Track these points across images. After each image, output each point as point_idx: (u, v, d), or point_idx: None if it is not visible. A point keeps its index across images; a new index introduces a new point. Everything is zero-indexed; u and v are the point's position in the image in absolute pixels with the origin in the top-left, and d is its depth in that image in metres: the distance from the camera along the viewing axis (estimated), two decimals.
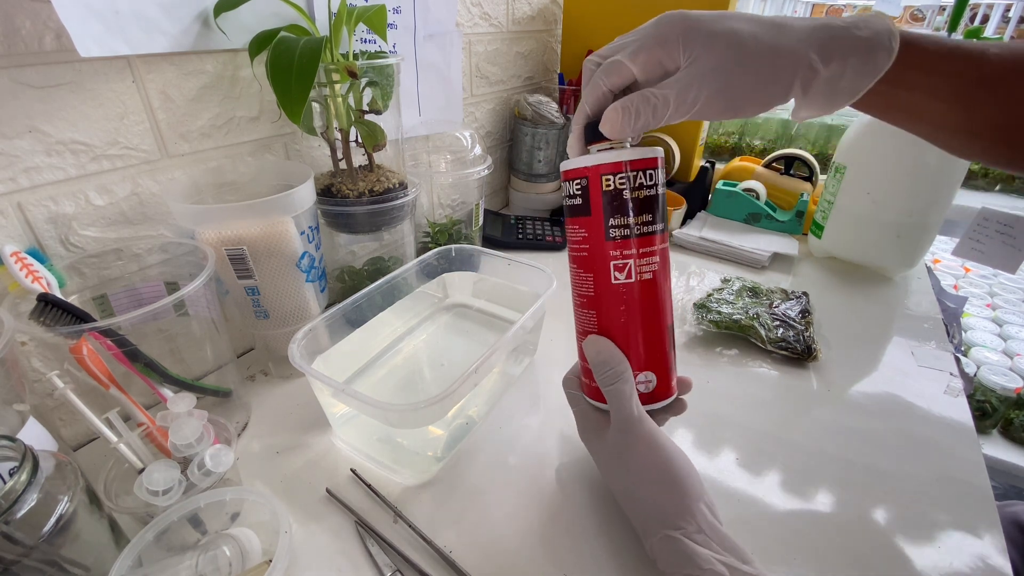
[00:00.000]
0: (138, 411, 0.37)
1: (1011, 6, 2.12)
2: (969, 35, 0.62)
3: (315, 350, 0.47)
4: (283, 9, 0.49)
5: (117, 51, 0.40)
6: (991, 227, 0.69)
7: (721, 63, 0.29)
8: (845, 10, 2.06)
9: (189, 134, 0.48)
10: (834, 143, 1.14)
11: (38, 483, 0.28)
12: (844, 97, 0.31)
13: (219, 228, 0.43)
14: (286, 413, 0.50)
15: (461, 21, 0.76)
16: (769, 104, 0.31)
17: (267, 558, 0.34)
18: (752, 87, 0.30)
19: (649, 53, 0.31)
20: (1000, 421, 1.13)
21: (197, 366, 0.44)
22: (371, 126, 0.52)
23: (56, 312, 0.34)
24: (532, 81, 1.00)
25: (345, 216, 0.54)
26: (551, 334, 0.60)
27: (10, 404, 0.34)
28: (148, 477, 0.34)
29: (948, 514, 0.40)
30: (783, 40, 0.30)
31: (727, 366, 0.56)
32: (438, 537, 0.38)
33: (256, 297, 0.47)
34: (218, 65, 0.48)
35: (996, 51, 0.30)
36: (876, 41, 0.29)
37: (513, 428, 0.48)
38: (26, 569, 0.27)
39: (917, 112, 0.33)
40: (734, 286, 0.67)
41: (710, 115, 0.31)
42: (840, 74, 0.29)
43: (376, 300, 0.53)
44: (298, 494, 0.42)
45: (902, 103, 0.32)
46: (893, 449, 0.46)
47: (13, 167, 0.38)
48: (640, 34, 0.31)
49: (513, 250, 0.81)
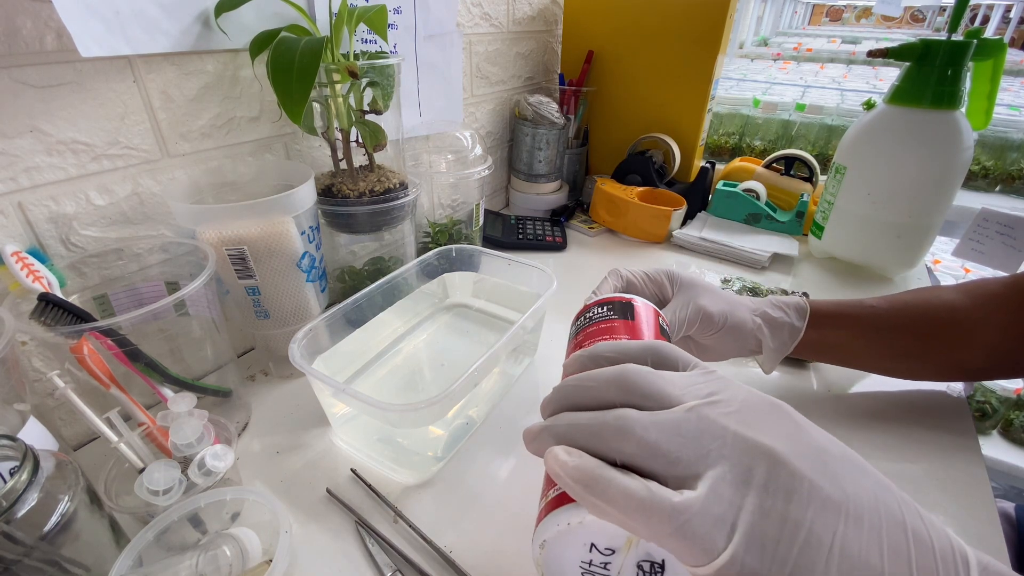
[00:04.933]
0: (138, 411, 0.37)
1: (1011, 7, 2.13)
2: (969, 35, 0.62)
3: (315, 350, 0.47)
4: (284, 9, 0.49)
5: (118, 51, 0.40)
6: (991, 228, 0.69)
7: (702, 295, 0.43)
8: (845, 11, 2.06)
9: (190, 134, 0.48)
10: (834, 144, 1.14)
11: (38, 483, 0.28)
12: (794, 335, 0.45)
13: (219, 228, 0.43)
14: (286, 413, 0.50)
15: (461, 21, 0.76)
16: (739, 333, 0.44)
17: (267, 558, 0.34)
18: (728, 312, 0.43)
19: (655, 276, 0.44)
20: (1000, 422, 1.13)
21: (197, 366, 0.44)
22: (372, 126, 0.52)
23: (57, 312, 0.34)
24: (532, 81, 1.00)
25: (345, 216, 0.54)
26: (551, 334, 0.60)
27: (11, 404, 0.34)
28: (148, 477, 0.34)
29: (948, 514, 0.40)
30: (735, 296, 0.45)
31: (727, 366, 0.56)
32: (438, 537, 0.38)
33: (256, 297, 0.47)
34: (219, 65, 0.48)
35: (877, 304, 0.47)
36: (798, 301, 0.47)
37: (513, 428, 0.48)
38: (26, 569, 0.27)
39: (849, 347, 0.47)
40: (734, 286, 0.67)
41: (698, 328, 0.42)
42: (786, 316, 0.46)
43: (376, 300, 0.53)
44: (298, 494, 0.42)
45: (832, 341, 0.46)
46: (893, 449, 0.46)
47: (14, 167, 0.38)
48: (652, 270, 0.45)
49: (513, 250, 0.81)
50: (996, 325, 0.44)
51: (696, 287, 0.43)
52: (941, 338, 0.45)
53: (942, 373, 0.48)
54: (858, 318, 0.46)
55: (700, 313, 0.41)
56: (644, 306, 0.35)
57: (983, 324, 0.44)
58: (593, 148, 1.02)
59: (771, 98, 1.28)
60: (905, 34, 4.09)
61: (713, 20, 0.81)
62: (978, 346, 0.44)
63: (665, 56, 0.87)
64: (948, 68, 0.62)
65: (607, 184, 0.89)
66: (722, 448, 0.20)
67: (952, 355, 0.45)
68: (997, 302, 0.44)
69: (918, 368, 0.48)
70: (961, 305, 0.45)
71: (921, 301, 0.46)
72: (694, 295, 0.42)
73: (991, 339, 0.44)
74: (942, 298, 0.46)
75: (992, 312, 0.44)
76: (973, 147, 0.64)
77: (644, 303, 0.35)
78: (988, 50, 0.63)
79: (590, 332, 0.34)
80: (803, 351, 0.46)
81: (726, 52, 0.86)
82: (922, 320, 0.45)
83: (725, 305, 0.43)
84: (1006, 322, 0.43)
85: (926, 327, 0.45)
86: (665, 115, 0.92)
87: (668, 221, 0.83)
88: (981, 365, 0.46)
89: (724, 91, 1.37)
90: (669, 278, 0.44)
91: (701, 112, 0.89)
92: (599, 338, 0.32)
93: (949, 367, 0.47)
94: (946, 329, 0.45)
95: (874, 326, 0.46)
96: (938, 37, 0.62)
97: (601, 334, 0.33)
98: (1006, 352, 0.44)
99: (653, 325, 0.34)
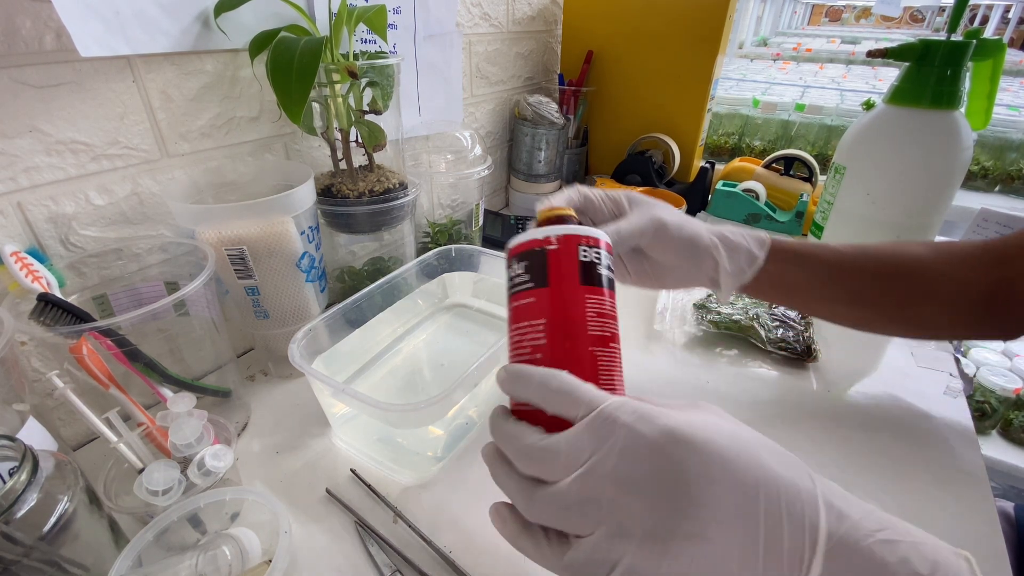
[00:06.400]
0: (138, 411, 0.37)
1: (1011, 7, 2.13)
2: (969, 36, 0.62)
3: (315, 350, 0.47)
4: (283, 9, 0.49)
5: (117, 51, 0.40)
6: (991, 228, 0.69)
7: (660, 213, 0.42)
8: (845, 11, 2.07)
9: (189, 134, 0.48)
10: (834, 144, 1.14)
11: (38, 483, 0.28)
12: (754, 265, 0.44)
13: (219, 228, 0.43)
14: (286, 413, 0.50)
15: (461, 21, 0.76)
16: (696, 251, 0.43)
17: (267, 558, 0.34)
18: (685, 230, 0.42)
19: (614, 196, 0.43)
20: (999, 422, 1.13)
21: (197, 366, 0.44)
22: (371, 126, 0.52)
23: (56, 312, 0.34)
24: (532, 81, 1.00)
25: (345, 216, 0.54)
26: None
27: (10, 404, 0.34)
28: (148, 477, 0.34)
29: (948, 514, 0.40)
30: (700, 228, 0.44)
31: (727, 367, 0.56)
32: (438, 537, 0.38)
33: (256, 297, 0.47)
34: (218, 65, 0.48)
35: (842, 247, 0.46)
36: (759, 233, 0.45)
37: None
38: (26, 569, 0.27)
39: (807, 288, 0.46)
40: None
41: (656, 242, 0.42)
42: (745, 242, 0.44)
43: (376, 300, 0.53)
44: (298, 494, 0.42)
45: (792, 280, 0.45)
46: (893, 449, 0.46)
47: (13, 167, 0.38)
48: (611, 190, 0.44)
49: None
50: (958, 280, 0.43)
51: (656, 204, 0.42)
52: (900, 288, 0.44)
53: (896, 325, 0.47)
54: (820, 258, 0.45)
55: (654, 221, 0.41)
56: (563, 250, 0.31)
57: (945, 279, 0.43)
58: (592, 148, 1.03)
59: (770, 98, 1.28)
60: (904, 34, 4.09)
61: (713, 20, 0.81)
62: (937, 301, 0.44)
63: (665, 56, 0.87)
64: (947, 68, 0.62)
65: (606, 184, 0.89)
66: (599, 513, 0.23)
67: (909, 307, 0.45)
68: (965, 260, 0.44)
69: (871, 317, 0.47)
70: (927, 258, 0.44)
71: (887, 250, 0.46)
72: (651, 208, 0.42)
73: (951, 295, 0.43)
74: (910, 250, 0.45)
75: (957, 268, 0.43)
76: (972, 147, 0.64)
77: (565, 236, 0.31)
78: (987, 50, 0.63)
79: (513, 306, 0.32)
80: (762, 287, 0.45)
81: (726, 52, 0.86)
82: (884, 267, 0.45)
83: (681, 219, 0.43)
84: (969, 279, 0.43)
85: (887, 275, 0.44)
86: (665, 115, 0.92)
87: None
88: (937, 322, 0.45)
89: (724, 91, 1.37)
90: (628, 198, 0.43)
91: (701, 112, 0.89)
92: (517, 323, 0.31)
93: (904, 320, 0.46)
94: (907, 279, 0.44)
95: (836, 268, 0.45)
96: (937, 37, 0.62)
97: (519, 316, 0.31)
98: (965, 310, 0.43)
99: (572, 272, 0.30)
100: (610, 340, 0.30)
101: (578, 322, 0.29)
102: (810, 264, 0.45)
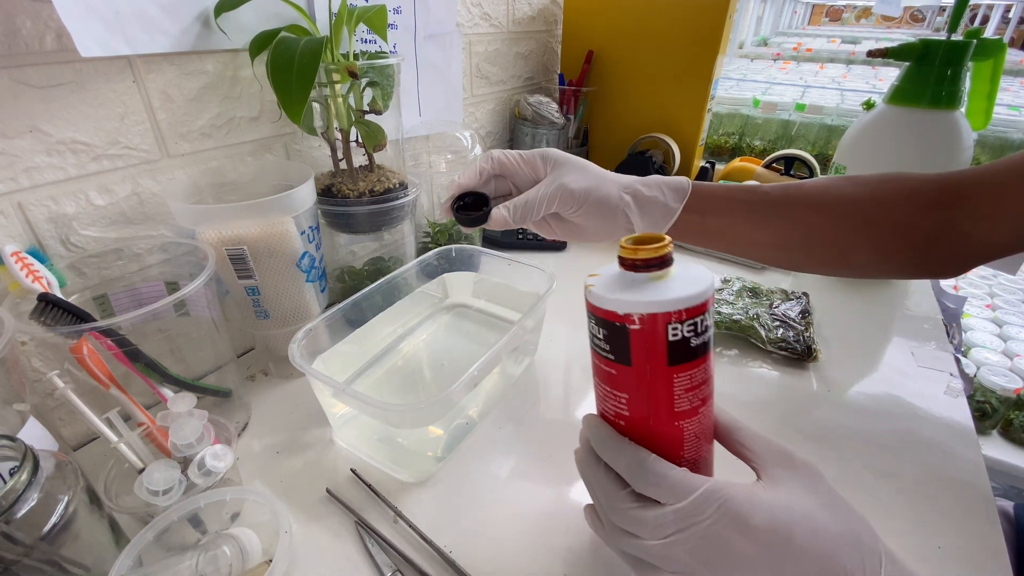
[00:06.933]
0: (138, 411, 0.37)
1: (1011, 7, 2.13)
2: (969, 36, 0.62)
3: (315, 350, 0.47)
4: (283, 9, 0.49)
5: (118, 51, 0.40)
6: None
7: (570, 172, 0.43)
8: (845, 11, 2.07)
9: (189, 134, 0.48)
10: (834, 143, 1.14)
11: (38, 483, 0.28)
12: (667, 215, 0.43)
13: (219, 228, 0.43)
14: (286, 413, 0.50)
15: (461, 21, 0.76)
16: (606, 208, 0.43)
17: (267, 558, 0.34)
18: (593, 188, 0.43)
19: (529, 157, 0.44)
20: (1000, 422, 1.13)
21: (197, 366, 0.44)
22: (371, 126, 0.52)
23: (56, 312, 0.34)
24: (532, 81, 1.00)
25: (345, 216, 0.54)
26: (551, 334, 0.60)
27: (10, 404, 0.34)
28: (148, 477, 0.34)
29: (948, 514, 0.40)
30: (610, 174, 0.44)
31: (727, 366, 0.56)
32: (438, 537, 0.38)
33: (256, 297, 0.47)
34: (218, 65, 0.48)
35: (767, 186, 0.45)
36: (679, 182, 0.44)
37: (513, 428, 0.48)
38: (26, 569, 0.27)
39: (731, 235, 0.45)
40: (734, 286, 0.67)
41: (565, 207, 0.43)
42: (660, 195, 0.43)
43: (376, 300, 0.53)
44: (298, 494, 0.42)
45: (714, 227, 0.44)
46: (893, 449, 0.46)
47: (13, 167, 0.38)
48: (528, 151, 0.44)
49: (513, 250, 0.81)
50: (897, 223, 0.42)
51: (567, 165, 0.43)
52: (828, 233, 0.43)
53: (830, 269, 0.47)
54: (746, 204, 0.44)
55: (560, 190, 0.41)
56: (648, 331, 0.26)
57: (881, 222, 0.42)
58: (593, 148, 1.02)
59: (771, 98, 1.28)
60: (905, 34, 4.09)
61: (713, 20, 0.81)
62: (871, 247, 0.43)
63: (665, 56, 0.87)
64: (948, 68, 0.62)
65: None
66: (674, 565, 0.27)
67: (839, 252, 0.44)
68: (911, 198, 0.42)
69: (802, 260, 0.46)
70: (861, 199, 0.43)
71: (817, 191, 0.43)
72: (561, 173, 0.42)
73: (886, 237, 0.42)
74: (842, 191, 0.43)
75: (899, 210, 0.42)
76: (973, 147, 0.64)
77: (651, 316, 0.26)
78: (988, 50, 0.64)
79: (595, 362, 0.30)
80: (684, 235, 0.44)
81: (726, 52, 0.86)
82: (811, 212, 0.43)
83: (591, 182, 0.42)
84: (912, 221, 0.41)
85: (813, 220, 0.43)
86: (665, 115, 0.92)
87: None
88: (872, 267, 0.45)
89: (724, 91, 1.37)
90: (543, 158, 0.43)
91: (701, 112, 0.89)
92: (601, 382, 0.30)
93: (835, 264, 0.45)
94: (835, 222, 0.43)
95: (759, 214, 0.44)
96: (938, 37, 0.63)
97: (602, 377, 0.30)
98: (902, 251, 0.42)
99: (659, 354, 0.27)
100: (700, 407, 0.29)
101: (663, 402, 0.28)
102: (734, 211, 0.44)
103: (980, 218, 0.40)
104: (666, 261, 0.27)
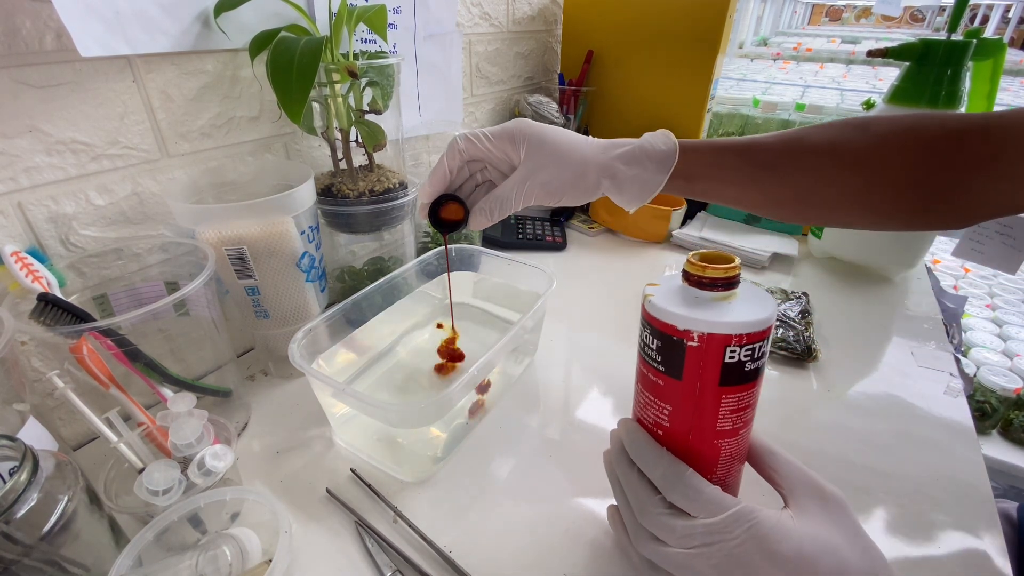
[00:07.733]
0: (138, 411, 0.37)
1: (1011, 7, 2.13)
2: (969, 36, 0.62)
3: (315, 350, 0.47)
4: (283, 9, 0.49)
5: (117, 51, 0.40)
6: (991, 228, 0.69)
7: (546, 165, 0.40)
8: (845, 11, 2.07)
9: (189, 134, 0.48)
10: None
11: (38, 483, 0.28)
12: (649, 189, 0.41)
13: (219, 228, 0.43)
14: (286, 413, 0.50)
15: (461, 21, 0.76)
16: (584, 195, 0.41)
17: (267, 558, 0.34)
18: (570, 183, 0.40)
19: (499, 141, 0.40)
20: (1000, 421, 1.13)
21: (197, 366, 0.44)
22: (371, 126, 0.52)
23: (56, 312, 0.34)
24: (532, 81, 1.00)
25: (345, 216, 0.54)
26: (551, 334, 0.60)
27: (10, 404, 0.34)
28: (148, 477, 0.34)
29: (948, 514, 0.40)
30: (589, 151, 0.41)
31: None
32: (438, 537, 0.38)
33: (256, 297, 0.47)
34: (218, 65, 0.48)
35: (762, 141, 0.42)
36: (664, 151, 0.41)
37: (513, 428, 0.48)
38: (26, 569, 0.27)
39: (718, 196, 0.43)
40: None
41: (542, 201, 0.41)
42: (642, 171, 0.41)
43: (376, 300, 0.53)
44: (298, 494, 0.42)
45: (701, 191, 0.42)
46: (893, 449, 0.46)
47: (13, 167, 0.38)
48: (498, 127, 0.41)
49: (513, 250, 0.81)
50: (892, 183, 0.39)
51: (540, 150, 0.40)
52: (821, 191, 0.41)
53: (814, 222, 0.45)
54: (735, 167, 0.42)
55: (536, 188, 0.40)
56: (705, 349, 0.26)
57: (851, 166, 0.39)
58: None
59: (771, 98, 1.28)
60: (905, 34, 4.09)
61: (713, 20, 0.81)
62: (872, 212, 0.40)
63: (665, 56, 0.87)
64: (948, 68, 0.62)
65: None
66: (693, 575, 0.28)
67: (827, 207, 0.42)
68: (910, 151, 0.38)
69: (790, 216, 0.44)
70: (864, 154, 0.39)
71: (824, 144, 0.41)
72: (535, 168, 0.40)
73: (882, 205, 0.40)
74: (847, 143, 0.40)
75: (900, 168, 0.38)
76: None
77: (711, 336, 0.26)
78: (988, 50, 0.63)
79: (640, 369, 0.30)
80: (670, 192, 0.43)
81: (726, 52, 0.86)
82: (812, 168, 0.41)
83: (566, 174, 0.40)
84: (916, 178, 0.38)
85: (810, 179, 0.41)
86: (665, 115, 0.92)
87: (668, 221, 0.83)
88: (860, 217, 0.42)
89: (724, 91, 1.37)
90: (513, 140, 0.40)
91: (701, 112, 0.89)
92: (644, 389, 0.30)
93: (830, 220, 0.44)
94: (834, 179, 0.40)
95: (750, 176, 0.41)
96: (938, 37, 0.62)
97: (646, 385, 0.30)
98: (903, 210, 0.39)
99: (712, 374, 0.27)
100: (741, 428, 0.29)
101: (707, 420, 0.28)
102: (724, 173, 0.42)
103: (999, 178, 0.36)
104: (733, 283, 0.27)
